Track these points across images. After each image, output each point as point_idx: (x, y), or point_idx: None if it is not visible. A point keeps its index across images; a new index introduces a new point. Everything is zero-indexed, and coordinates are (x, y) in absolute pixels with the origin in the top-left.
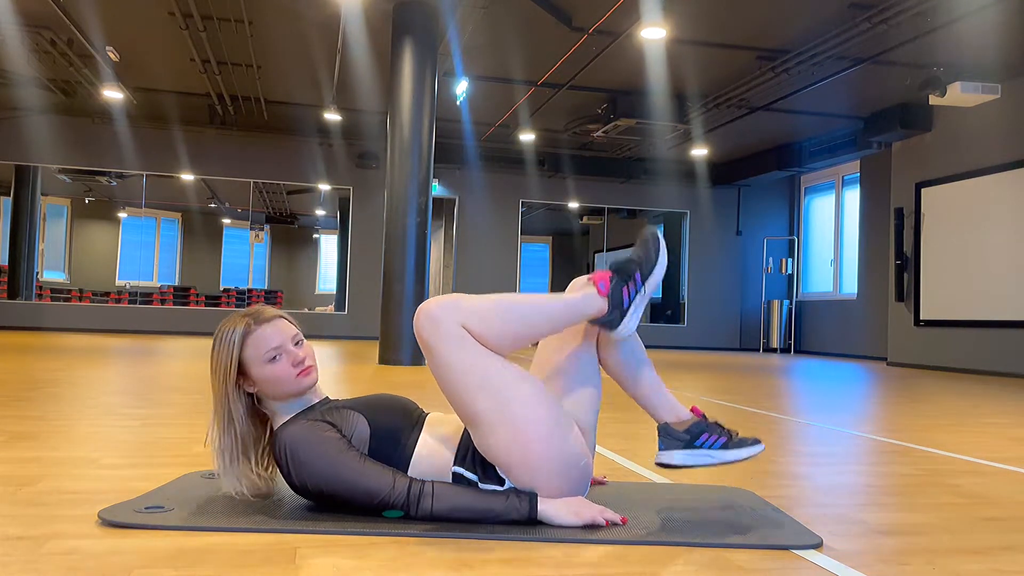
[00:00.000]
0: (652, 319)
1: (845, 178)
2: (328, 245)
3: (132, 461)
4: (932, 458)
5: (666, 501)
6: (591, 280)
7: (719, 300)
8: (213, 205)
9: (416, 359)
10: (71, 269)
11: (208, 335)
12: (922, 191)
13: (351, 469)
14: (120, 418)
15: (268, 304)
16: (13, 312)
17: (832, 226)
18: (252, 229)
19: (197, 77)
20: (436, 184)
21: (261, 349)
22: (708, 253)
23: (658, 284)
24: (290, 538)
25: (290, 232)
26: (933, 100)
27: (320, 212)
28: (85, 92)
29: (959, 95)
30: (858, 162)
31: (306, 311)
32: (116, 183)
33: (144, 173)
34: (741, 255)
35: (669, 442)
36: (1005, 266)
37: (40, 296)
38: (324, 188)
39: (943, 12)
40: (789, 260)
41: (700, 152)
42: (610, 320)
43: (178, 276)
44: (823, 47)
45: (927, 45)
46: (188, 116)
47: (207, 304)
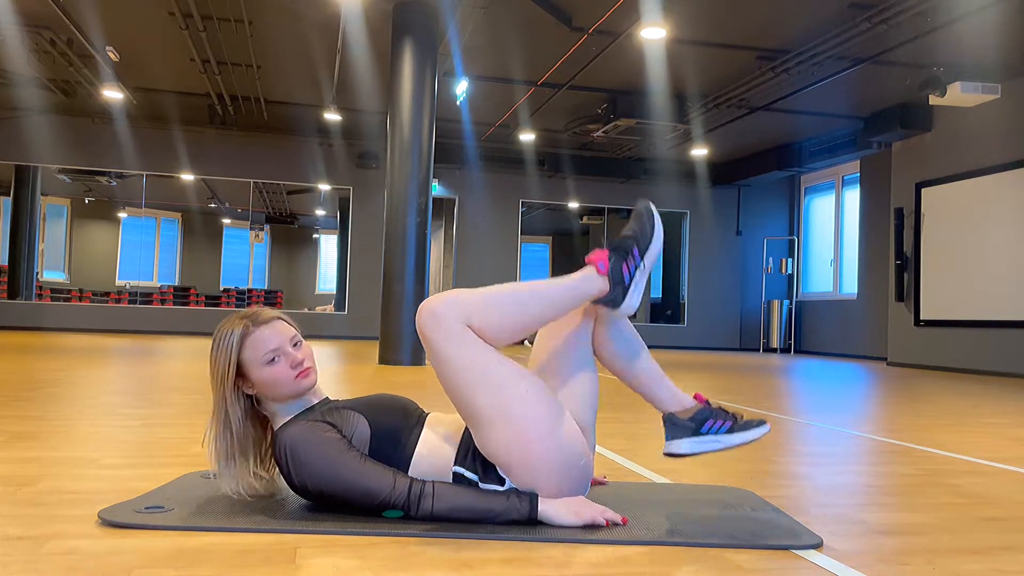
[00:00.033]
0: (652, 319)
1: (845, 178)
2: (328, 245)
3: (132, 461)
4: (932, 458)
5: (666, 501)
6: (589, 261)
7: (719, 300)
8: (213, 205)
9: (416, 359)
10: (71, 269)
11: (208, 335)
12: (922, 191)
13: (351, 469)
14: (120, 418)
15: (268, 304)
16: (13, 312)
17: (832, 226)
18: (252, 229)
19: (197, 77)
20: (436, 184)
21: (259, 351)
22: (708, 253)
23: (657, 257)
24: (290, 538)
25: (290, 232)
26: (933, 100)
27: (320, 212)
28: (85, 92)
29: (959, 95)
30: (858, 162)
31: (306, 311)
32: (116, 183)
33: (144, 173)
34: (741, 255)
35: (675, 432)
36: (1005, 266)
37: (40, 296)
38: (324, 188)
39: (943, 12)
40: (789, 260)
41: (700, 152)
42: (613, 298)
43: (178, 276)
44: (823, 47)
45: (927, 45)
46: (188, 116)
47: (207, 304)
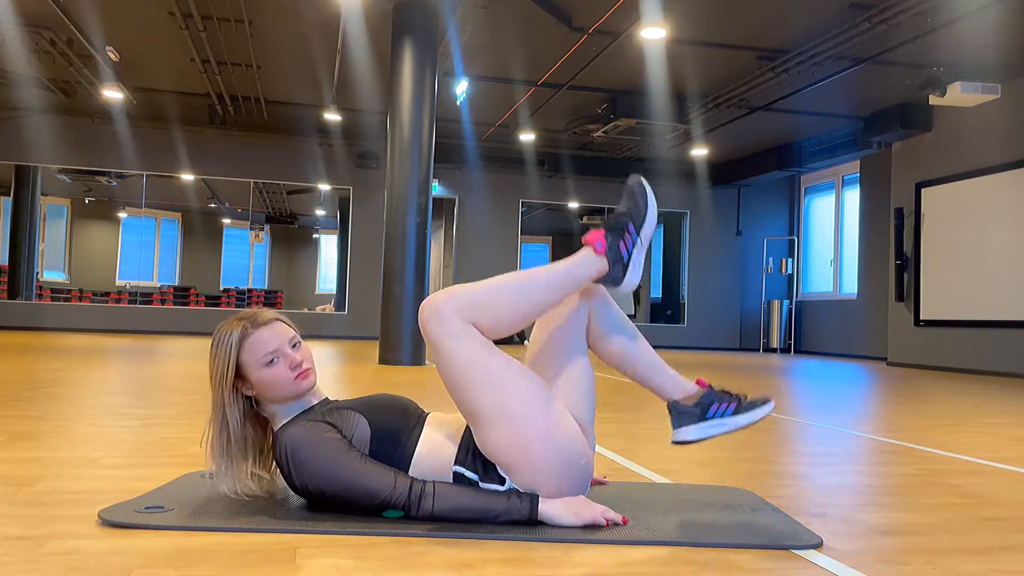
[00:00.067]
0: (652, 319)
1: (845, 178)
2: (328, 245)
3: (132, 461)
4: (932, 458)
5: (666, 501)
6: (586, 242)
7: (719, 300)
8: (213, 205)
9: (416, 359)
10: (71, 269)
11: (208, 335)
12: (922, 191)
13: (352, 470)
14: (120, 418)
15: (268, 304)
16: (13, 312)
17: (832, 226)
18: (252, 229)
19: (197, 77)
20: (436, 184)
21: (258, 353)
22: (708, 253)
23: (653, 231)
24: (290, 538)
25: (290, 232)
26: (933, 100)
27: (320, 212)
28: (85, 92)
29: (959, 95)
30: (858, 162)
31: (306, 311)
32: (116, 183)
33: (144, 173)
34: (741, 255)
35: (681, 419)
36: (1005, 266)
37: (40, 296)
38: (324, 188)
39: (943, 12)
40: (789, 260)
41: (700, 152)
42: (614, 276)
43: (178, 276)
44: (823, 47)
45: (927, 45)
46: (188, 116)
47: (207, 304)
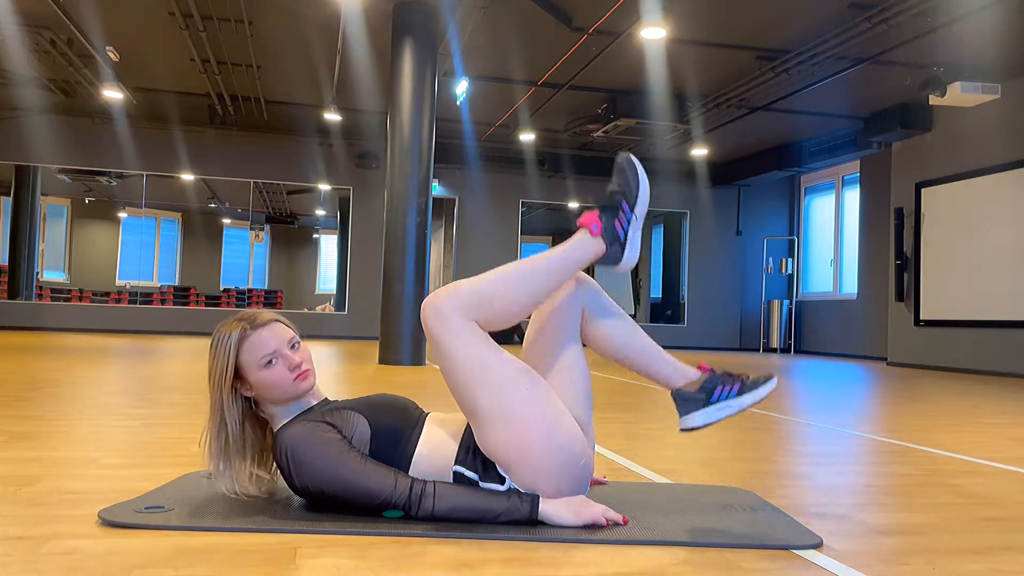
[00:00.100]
0: (652, 319)
1: (845, 178)
2: (328, 245)
3: (132, 461)
4: (932, 458)
5: (666, 501)
6: (581, 224)
7: (719, 300)
8: (213, 205)
9: (416, 359)
10: (71, 269)
11: (208, 335)
12: (922, 191)
13: (352, 470)
14: (120, 418)
15: (268, 304)
16: (13, 312)
17: (832, 226)
18: (252, 229)
19: (197, 77)
20: (436, 184)
21: (257, 354)
22: (708, 253)
23: (646, 206)
24: (290, 538)
25: (290, 232)
26: (933, 100)
27: (320, 212)
28: (85, 92)
29: (959, 95)
30: (858, 162)
31: (306, 311)
32: (116, 183)
33: (144, 173)
34: (741, 255)
35: (686, 406)
36: (1005, 266)
37: (40, 296)
38: (324, 188)
39: (943, 12)
40: (789, 260)
41: (700, 152)
42: (612, 256)
43: (178, 276)
44: (823, 47)
45: (927, 45)
46: (188, 116)
47: (207, 304)
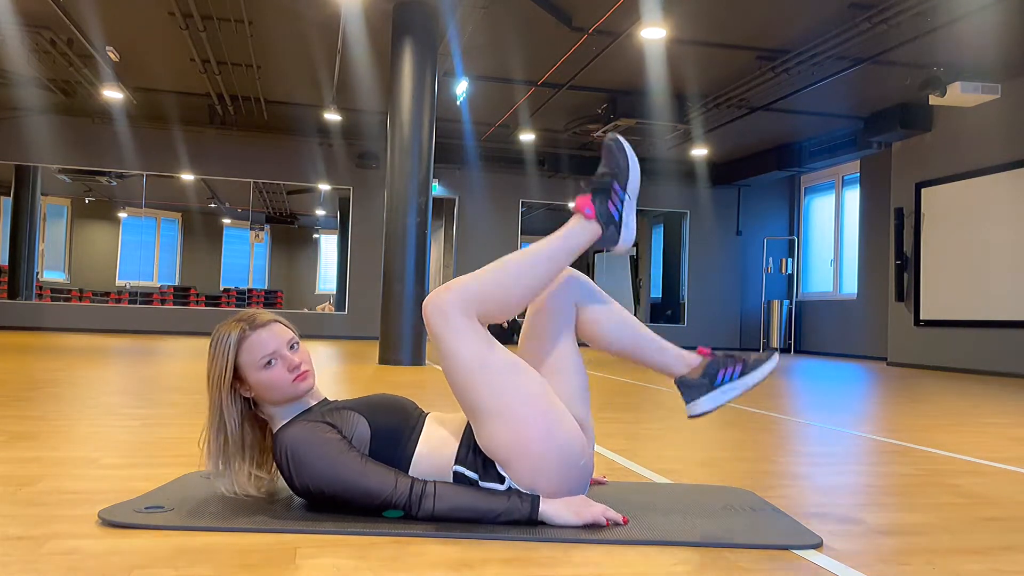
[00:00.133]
0: (652, 319)
1: (845, 178)
2: (328, 245)
3: (132, 461)
4: (932, 458)
5: (666, 501)
6: (576, 209)
7: (719, 300)
8: (213, 205)
9: (416, 359)
10: (71, 269)
11: (208, 335)
12: (922, 191)
13: (352, 470)
14: (120, 418)
15: (268, 304)
16: (13, 312)
17: (832, 226)
18: (252, 229)
19: (197, 77)
20: (436, 184)
21: (256, 355)
22: (708, 253)
23: (638, 185)
24: (290, 538)
25: (290, 232)
26: (933, 100)
27: (320, 212)
28: (85, 92)
29: (959, 95)
30: (858, 162)
31: (306, 311)
32: (116, 183)
33: (144, 173)
34: (741, 255)
35: (692, 393)
36: (1005, 266)
37: (40, 296)
38: (324, 188)
39: (943, 12)
40: (789, 260)
41: (700, 152)
42: (609, 238)
43: (178, 276)
44: (823, 47)
45: (927, 45)
46: (188, 116)
47: (207, 304)
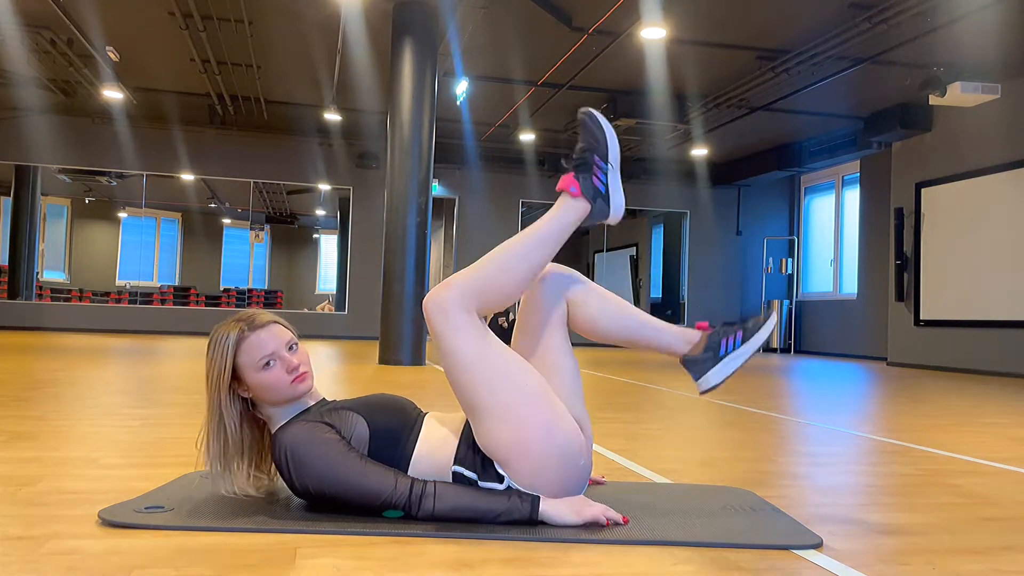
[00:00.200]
0: None
1: (845, 178)
2: (328, 245)
3: (132, 461)
4: (932, 458)
5: (666, 501)
6: (560, 189)
7: (719, 300)
8: (213, 205)
9: (416, 359)
10: (71, 269)
11: (208, 335)
12: (922, 191)
13: (352, 470)
14: (120, 418)
15: (268, 304)
16: (13, 312)
17: (832, 226)
18: (252, 229)
19: (197, 77)
20: (436, 184)
21: (255, 355)
22: (708, 253)
23: (618, 153)
24: (290, 538)
25: (290, 232)
26: (933, 100)
27: (320, 212)
28: (85, 92)
29: (959, 95)
30: (858, 162)
31: (306, 311)
32: (116, 183)
33: (144, 173)
34: (741, 255)
35: (698, 369)
36: (1005, 266)
37: (40, 296)
38: (324, 188)
39: (943, 12)
40: (789, 260)
41: (700, 152)
42: (599, 211)
43: (178, 276)
44: (823, 47)
45: (927, 45)
46: (188, 116)
47: (207, 304)
